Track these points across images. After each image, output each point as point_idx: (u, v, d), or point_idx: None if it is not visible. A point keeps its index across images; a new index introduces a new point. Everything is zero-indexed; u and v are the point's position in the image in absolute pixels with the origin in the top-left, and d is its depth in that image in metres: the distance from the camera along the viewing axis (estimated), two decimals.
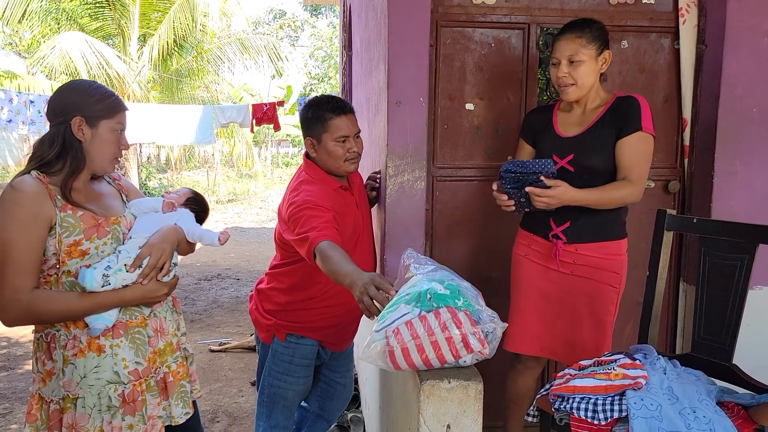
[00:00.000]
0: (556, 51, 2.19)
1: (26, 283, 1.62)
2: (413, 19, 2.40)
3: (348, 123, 2.26)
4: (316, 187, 2.22)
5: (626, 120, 2.14)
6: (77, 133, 1.71)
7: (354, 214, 2.32)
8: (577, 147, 2.20)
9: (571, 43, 2.16)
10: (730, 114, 2.56)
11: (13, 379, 4.46)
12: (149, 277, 1.75)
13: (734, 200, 2.60)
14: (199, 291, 7.39)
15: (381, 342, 1.70)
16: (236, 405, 3.96)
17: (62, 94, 1.75)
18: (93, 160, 1.75)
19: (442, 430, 1.63)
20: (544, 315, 2.32)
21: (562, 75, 2.18)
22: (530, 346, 2.36)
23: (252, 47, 12.71)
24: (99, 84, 1.83)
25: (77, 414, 1.70)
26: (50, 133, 1.73)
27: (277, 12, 25.59)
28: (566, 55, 2.16)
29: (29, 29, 12.50)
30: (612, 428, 1.71)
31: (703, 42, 2.64)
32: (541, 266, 2.31)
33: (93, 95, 1.74)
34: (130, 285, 1.72)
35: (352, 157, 2.27)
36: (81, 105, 1.72)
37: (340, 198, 2.27)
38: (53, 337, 1.72)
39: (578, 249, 2.23)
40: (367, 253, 2.41)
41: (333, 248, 1.91)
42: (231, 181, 21.45)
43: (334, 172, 2.29)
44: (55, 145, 1.70)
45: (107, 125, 1.75)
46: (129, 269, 1.71)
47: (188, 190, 2.14)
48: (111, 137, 1.77)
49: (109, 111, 1.76)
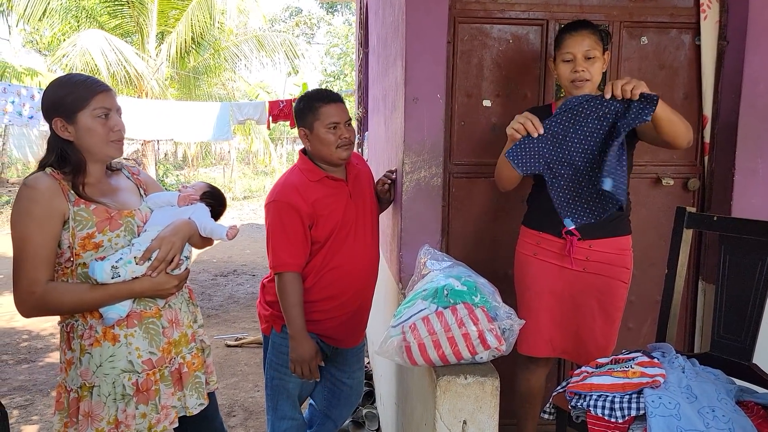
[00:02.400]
0: (570, 46, 2.16)
1: (42, 276, 1.67)
2: (431, 16, 2.40)
3: (338, 110, 2.30)
4: (296, 178, 2.31)
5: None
6: (63, 134, 1.73)
7: (344, 205, 2.33)
8: None
9: (587, 39, 2.14)
10: (751, 111, 2.53)
11: (33, 371, 4.53)
12: (158, 269, 1.77)
13: (755, 198, 2.56)
14: (216, 287, 7.44)
15: (398, 337, 1.71)
16: (252, 399, 3.99)
17: (43, 99, 1.77)
18: (89, 152, 1.76)
19: (458, 425, 1.63)
20: (556, 315, 2.29)
21: (580, 69, 2.14)
22: (544, 348, 2.33)
23: (268, 44, 12.77)
24: (70, 76, 1.80)
25: (93, 402, 1.74)
26: (48, 139, 1.78)
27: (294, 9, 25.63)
28: (582, 51, 2.14)
29: (49, 27, 12.65)
30: (629, 426, 1.70)
31: (724, 38, 2.61)
32: (553, 265, 2.27)
33: (61, 91, 1.73)
34: (140, 277, 1.75)
35: (344, 144, 2.29)
36: (55, 105, 1.73)
37: (323, 188, 2.30)
38: (72, 327, 1.77)
39: (592, 245, 2.22)
40: (360, 245, 2.39)
41: (295, 283, 2.27)
42: (247, 178, 21.59)
43: (327, 160, 2.32)
44: (52, 151, 1.74)
45: (85, 115, 1.72)
46: (138, 262, 1.74)
47: (205, 184, 2.16)
48: (94, 124, 1.74)
49: (81, 100, 1.72)
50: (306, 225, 2.26)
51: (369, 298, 2.51)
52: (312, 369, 2.28)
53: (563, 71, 2.20)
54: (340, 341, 2.50)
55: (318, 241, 2.30)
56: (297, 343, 2.26)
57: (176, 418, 1.84)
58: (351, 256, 2.35)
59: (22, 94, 7.91)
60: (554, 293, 2.28)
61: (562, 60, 2.19)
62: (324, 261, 2.33)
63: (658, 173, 2.74)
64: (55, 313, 1.74)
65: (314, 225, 2.28)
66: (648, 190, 2.76)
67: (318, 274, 2.33)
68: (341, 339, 2.49)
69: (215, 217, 2.05)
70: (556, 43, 2.25)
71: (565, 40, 2.18)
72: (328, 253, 2.32)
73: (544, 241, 2.28)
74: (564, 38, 2.19)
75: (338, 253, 2.33)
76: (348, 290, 2.37)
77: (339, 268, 2.34)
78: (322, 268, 2.33)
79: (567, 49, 2.17)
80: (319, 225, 2.28)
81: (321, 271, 2.33)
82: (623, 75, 2.69)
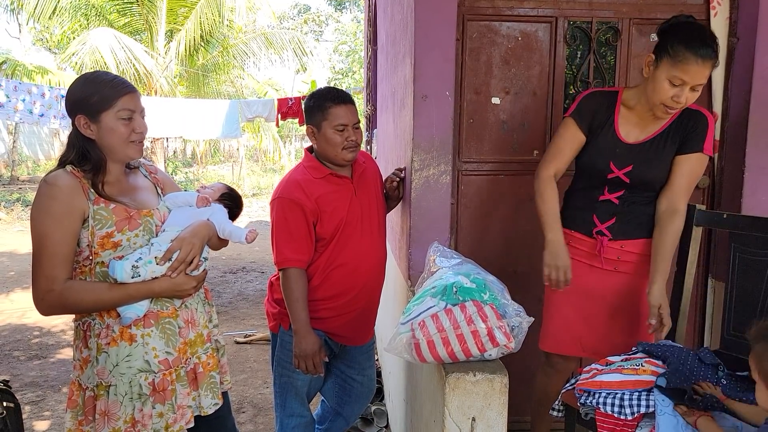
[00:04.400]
0: (688, 73, 1.89)
1: (60, 274, 1.66)
2: (440, 13, 2.40)
3: (347, 112, 2.30)
4: (300, 175, 2.33)
5: (691, 137, 2.02)
6: (85, 132, 1.73)
7: (349, 202, 2.34)
8: (638, 157, 2.09)
9: (706, 70, 1.89)
10: (762, 108, 2.51)
11: (45, 367, 4.58)
12: (178, 270, 1.77)
13: (765, 195, 2.55)
14: (225, 284, 7.48)
15: (407, 334, 1.72)
16: (261, 396, 4.01)
17: (67, 94, 1.76)
18: (110, 151, 1.76)
19: (467, 422, 1.64)
20: (587, 314, 2.24)
21: (683, 100, 1.93)
22: (571, 346, 2.29)
23: (277, 42, 12.78)
24: (97, 74, 1.80)
25: (110, 401, 1.74)
26: (69, 135, 1.78)
27: (302, 7, 25.67)
28: (697, 82, 1.90)
29: (59, 25, 12.69)
30: (638, 423, 1.70)
31: (735, 35, 2.60)
32: (583, 264, 2.22)
33: (88, 90, 1.72)
34: (159, 277, 1.75)
35: (350, 146, 2.30)
36: (80, 103, 1.72)
37: (327, 185, 2.31)
38: (89, 325, 1.76)
39: (623, 246, 2.16)
40: (366, 242, 2.39)
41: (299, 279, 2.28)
42: (255, 175, 21.63)
43: (332, 160, 2.33)
44: (73, 148, 1.74)
45: (109, 115, 1.72)
46: (159, 262, 1.74)
47: (223, 185, 2.15)
48: (117, 125, 1.73)
49: (106, 101, 1.71)
50: (310, 222, 2.28)
51: (376, 295, 2.52)
52: (316, 364, 2.29)
53: (662, 93, 1.95)
54: (349, 339, 2.50)
55: (323, 238, 2.31)
56: (300, 338, 2.27)
57: (192, 418, 1.85)
58: (357, 254, 2.36)
59: (32, 92, 7.95)
60: (584, 291, 2.22)
61: (669, 79, 1.93)
62: (330, 259, 2.33)
63: None
64: (73, 311, 1.74)
65: (318, 221, 2.29)
66: None
67: (324, 272, 2.34)
68: (350, 336, 2.50)
69: (231, 219, 2.06)
70: (672, 48, 1.92)
71: (689, 62, 1.89)
72: (333, 251, 2.33)
73: (575, 240, 2.23)
74: (688, 57, 1.89)
75: (344, 250, 2.34)
76: (355, 287, 2.38)
77: (345, 265, 2.34)
78: (328, 266, 2.34)
79: (683, 74, 1.90)
80: (323, 221, 2.29)
81: (327, 269, 2.34)
82: (633, 72, 2.68)
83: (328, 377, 2.63)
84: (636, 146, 2.11)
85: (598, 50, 2.72)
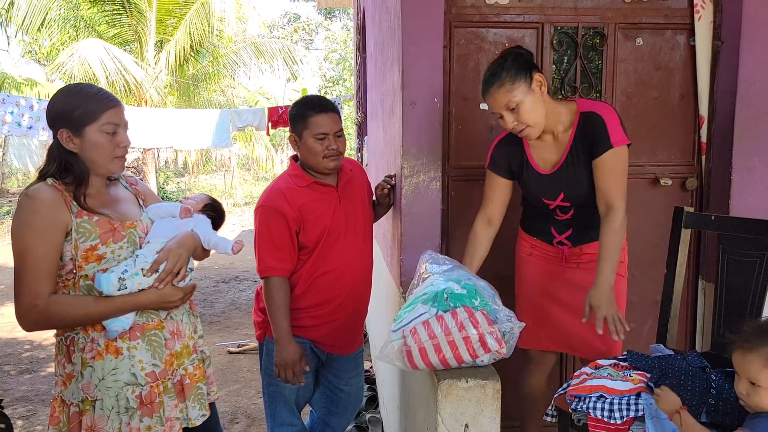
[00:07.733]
0: (492, 107, 2.08)
1: (44, 289, 1.64)
2: (427, 21, 2.41)
3: (328, 120, 2.29)
4: (284, 184, 2.34)
5: (595, 140, 2.05)
6: (67, 145, 1.70)
7: (333, 210, 2.33)
8: (563, 184, 2.14)
9: (498, 96, 2.03)
10: (747, 110, 2.54)
11: (36, 381, 4.54)
12: (165, 281, 1.75)
13: (753, 197, 2.57)
14: (218, 293, 7.45)
15: (398, 342, 1.72)
16: (255, 406, 3.99)
17: (49, 106, 1.73)
18: (92, 165, 1.73)
19: (460, 429, 1.63)
20: (555, 310, 2.29)
21: (512, 124, 2.06)
22: (544, 340, 2.33)
23: (267, 51, 12.80)
24: (81, 87, 1.76)
25: (96, 416, 1.71)
26: (49, 147, 1.75)
27: (292, 15, 25.68)
28: (502, 107, 2.04)
29: (48, 37, 12.64)
30: (629, 427, 1.71)
31: (719, 38, 2.62)
32: (548, 264, 2.29)
33: (72, 102, 1.69)
34: (146, 289, 1.73)
35: (331, 155, 2.29)
36: (64, 116, 1.69)
37: (311, 193, 2.31)
38: (72, 340, 1.73)
39: (583, 249, 2.23)
40: (351, 250, 2.38)
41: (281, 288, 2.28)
42: (248, 184, 21.59)
43: (314, 168, 2.33)
44: (54, 160, 1.71)
45: (93, 129, 1.69)
46: (146, 274, 1.72)
47: (206, 196, 2.15)
48: (101, 140, 1.70)
49: (90, 115, 1.69)
50: (293, 230, 2.28)
51: (363, 303, 2.51)
52: (296, 373, 2.28)
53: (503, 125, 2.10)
54: (335, 347, 2.49)
55: (306, 246, 2.31)
56: (281, 347, 2.27)
57: (180, 430, 1.83)
58: (341, 261, 2.35)
59: (20, 105, 7.93)
60: (552, 290, 2.29)
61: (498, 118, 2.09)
62: (314, 267, 2.33)
63: (656, 173, 2.75)
64: (58, 326, 1.71)
65: (301, 230, 2.29)
66: (646, 190, 2.77)
67: (309, 280, 2.34)
68: (336, 345, 2.48)
69: (214, 229, 2.05)
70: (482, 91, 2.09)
71: (487, 101, 2.09)
72: (317, 259, 2.33)
73: (538, 244, 2.31)
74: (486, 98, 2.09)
75: (328, 257, 2.33)
76: (340, 295, 2.37)
77: (330, 273, 2.34)
78: (312, 274, 2.33)
79: (491, 109, 2.09)
80: (306, 229, 2.29)
81: (312, 277, 2.34)
82: (619, 75, 2.70)
83: (316, 387, 2.62)
84: (555, 174, 2.15)
85: (585, 55, 2.73)
